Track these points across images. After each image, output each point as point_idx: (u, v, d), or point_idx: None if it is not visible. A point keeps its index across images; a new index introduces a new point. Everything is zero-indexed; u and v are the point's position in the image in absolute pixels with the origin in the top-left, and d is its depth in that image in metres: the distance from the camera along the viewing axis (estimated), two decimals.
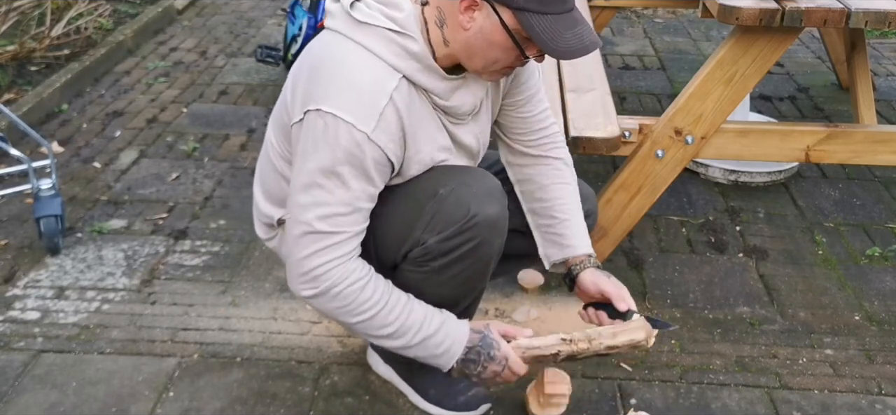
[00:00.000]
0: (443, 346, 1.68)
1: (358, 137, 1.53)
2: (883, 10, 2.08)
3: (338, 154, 1.53)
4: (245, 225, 2.73)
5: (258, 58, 3.84)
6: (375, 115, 1.54)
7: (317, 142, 1.54)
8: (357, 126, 1.52)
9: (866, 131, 2.37)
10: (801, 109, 3.79)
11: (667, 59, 4.47)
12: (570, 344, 1.69)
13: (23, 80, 3.75)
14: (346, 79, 1.54)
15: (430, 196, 1.65)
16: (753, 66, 2.22)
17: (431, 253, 1.66)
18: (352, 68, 1.55)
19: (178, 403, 1.96)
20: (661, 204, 2.88)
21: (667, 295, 2.42)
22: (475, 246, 1.66)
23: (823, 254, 2.66)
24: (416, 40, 1.56)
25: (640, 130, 2.31)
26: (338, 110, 1.52)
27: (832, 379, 2.10)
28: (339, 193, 1.57)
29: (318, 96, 1.55)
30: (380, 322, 1.64)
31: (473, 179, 1.67)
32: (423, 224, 1.65)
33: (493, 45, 1.55)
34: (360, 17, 1.57)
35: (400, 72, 1.57)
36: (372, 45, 1.56)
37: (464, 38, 1.56)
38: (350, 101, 1.53)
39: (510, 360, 1.70)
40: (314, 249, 1.59)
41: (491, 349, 1.69)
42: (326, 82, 1.55)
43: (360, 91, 1.54)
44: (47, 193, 2.51)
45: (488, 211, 1.65)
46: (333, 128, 1.53)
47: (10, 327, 2.21)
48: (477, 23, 1.54)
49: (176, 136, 3.41)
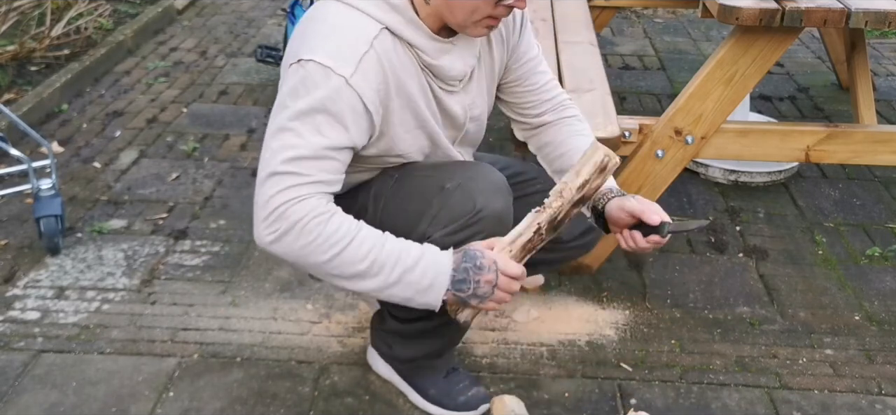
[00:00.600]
0: (427, 277, 1.55)
1: (335, 81, 1.51)
2: (883, 10, 2.08)
3: (314, 99, 1.51)
4: (245, 225, 2.73)
5: (258, 58, 3.84)
6: (354, 59, 1.53)
7: (295, 89, 1.53)
8: (335, 70, 1.51)
9: (866, 131, 2.37)
10: (801, 109, 3.79)
11: (667, 59, 4.47)
12: (544, 210, 1.59)
13: (23, 80, 3.75)
14: (327, 30, 1.56)
15: (436, 191, 1.65)
16: (753, 66, 2.22)
17: (437, 247, 1.65)
18: (333, 21, 1.57)
19: (178, 403, 1.96)
20: (661, 204, 2.86)
21: (667, 295, 2.42)
22: (481, 239, 1.65)
23: (823, 254, 2.66)
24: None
25: (640, 130, 2.31)
26: (316, 56, 1.52)
27: (832, 379, 2.10)
28: (309, 138, 1.52)
29: (300, 51, 1.55)
30: (351, 257, 1.53)
31: (479, 174, 1.67)
32: (428, 218, 1.65)
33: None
34: None
35: (384, 24, 1.57)
36: (357, 3, 1.57)
37: None
38: (329, 47, 1.53)
39: (500, 263, 1.56)
40: (276, 190, 1.51)
41: (477, 259, 1.56)
42: (309, 38, 1.56)
43: (339, 38, 1.54)
44: (47, 193, 2.51)
45: (494, 205, 1.65)
46: (312, 73, 1.52)
47: (10, 327, 2.21)
48: None
49: (176, 136, 3.41)
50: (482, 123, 1.84)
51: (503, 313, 2.30)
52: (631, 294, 2.41)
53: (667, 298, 2.41)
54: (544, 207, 1.59)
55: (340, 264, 1.53)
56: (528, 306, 2.31)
